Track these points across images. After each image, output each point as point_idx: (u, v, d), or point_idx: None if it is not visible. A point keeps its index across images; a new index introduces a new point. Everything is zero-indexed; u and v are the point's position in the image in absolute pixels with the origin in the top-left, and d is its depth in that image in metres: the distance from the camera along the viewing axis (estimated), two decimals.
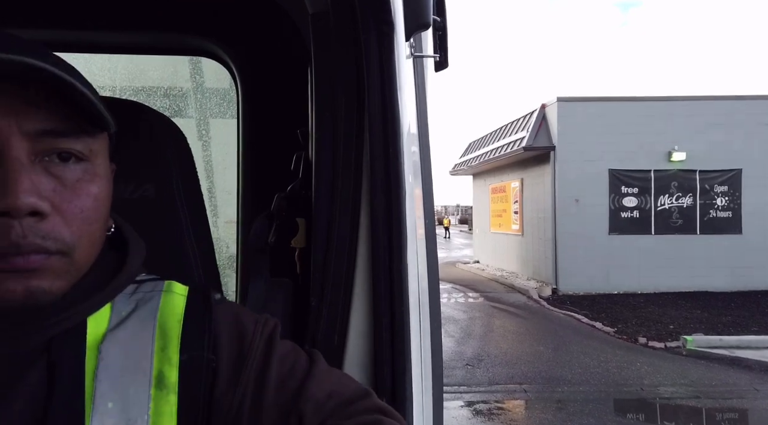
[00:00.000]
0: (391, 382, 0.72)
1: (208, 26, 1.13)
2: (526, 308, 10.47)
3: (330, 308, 0.75)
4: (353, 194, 0.75)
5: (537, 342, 7.84)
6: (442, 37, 0.83)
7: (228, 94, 1.45)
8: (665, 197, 11.73)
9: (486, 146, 15.71)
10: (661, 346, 7.53)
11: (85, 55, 1.21)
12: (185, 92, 1.60)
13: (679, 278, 11.36)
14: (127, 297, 0.57)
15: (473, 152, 17.19)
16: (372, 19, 0.72)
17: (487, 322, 9.29)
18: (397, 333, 0.72)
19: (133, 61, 1.50)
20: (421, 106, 0.83)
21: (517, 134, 12.99)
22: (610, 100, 11.86)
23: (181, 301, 0.57)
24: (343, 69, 0.77)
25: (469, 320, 9.39)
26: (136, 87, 1.57)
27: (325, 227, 0.76)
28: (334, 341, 0.74)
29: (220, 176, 1.52)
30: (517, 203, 14.23)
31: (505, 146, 13.53)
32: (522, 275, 13.84)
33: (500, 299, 11.53)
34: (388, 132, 0.73)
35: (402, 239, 0.73)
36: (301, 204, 0.84)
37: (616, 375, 6.36)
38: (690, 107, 11.49)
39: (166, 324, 0.54)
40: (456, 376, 6.37)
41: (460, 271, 16.92)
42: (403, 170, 0.73)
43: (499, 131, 15.28)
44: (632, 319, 9.00)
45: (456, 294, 12.12)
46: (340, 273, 0.75)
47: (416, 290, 0.76)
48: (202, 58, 1.31)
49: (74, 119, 0.50)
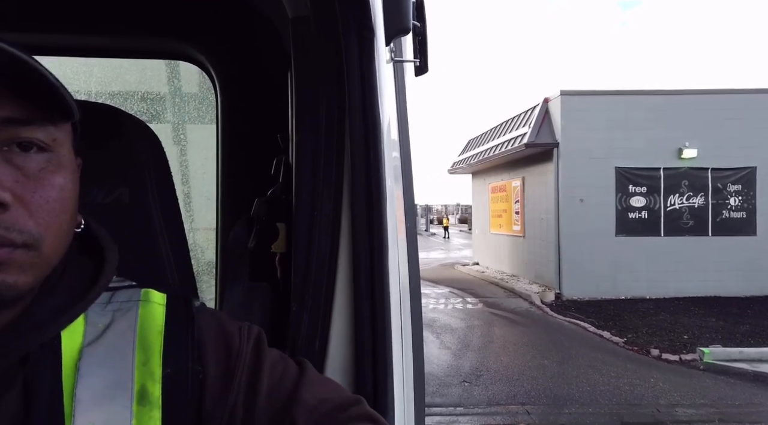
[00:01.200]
0: (372, 387, 0.77)
1: (187, 30, 1.18)
2: (528, 316, 10.49)
3: (311, 313, 0.80)
4: (334, 198, 0.81)
5: (540, 355, 7.74)
6: (422, 42, 0.89)
7: (206, 99, 1.51)
8: (675, 196, 11.88)
9: (486, 144, 15.90)
10: (675, 359, 7.44)
11: (59, 58, 1.26)
12: (162, 97, 1.65)
13: (691, 283, 11.52)
14: (101, 307, 0.57)
15: (472, 150, 17.40)
16: (352, 24, 0.78)
17: (487, 331, 9.30)
18: (378, 338, 0.77)
19: (109, 65, 1.55)
20: (401, 110, 0.90)
21: (519, 130, 13.12)
22: (617, 93, 11.99)
23: (161, 311, 0.58)
24: (323, 74, 0.82)
25: (467, 329, 9.41)
26: (112, 91, 1.62)
27: (305, 232, 0.82)
28: (315, 346, 0.80)
29: (197, 182, 1.57)
30: (519, 203, 14.39)
31: (505, 142, 13.65)
32: (523, 279, 14.09)
33: (500, 305, 11.61)
34: (368, 136, 0.79)
35: (383, 243, 0.78)
36: (282, 209, 0.89)
37: (629, 394, 6.18)
38: (702, 101, 11.64)
39: (146, 337, 0.55)
40: (452, 395, 6.20)
41: (459, 273, 17.26)
42: (384, 174, 0.79)
43: (499, 128, 15.44)
44: (642, 328, 9.00)
45: (454, 300, 12.27)
46: (321, 278, 0.80)
47: (398, 294, 0.82)
48: (180, 62, 1.36)
49: (35, 105, 0.50)
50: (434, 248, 30.14)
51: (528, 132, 12.19)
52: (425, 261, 21.25)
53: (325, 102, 0.82)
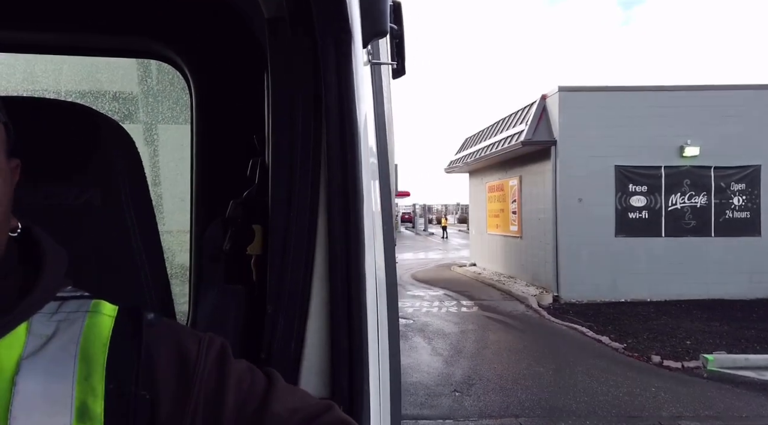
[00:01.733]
0: (348, 389, 0.82)
1: (161, 29, 1.22)
2: (524, 320, 10.57)
3: (287, 315, 0.84)
4: (311, 200, 0.85)
5: (536, 362, 7.72)
6: (400, 45, 0.94)
7: (180, 99, 1.54)
8: (677, 195, 12.03)
9: (482, 142, 16.05)
10: (677, 366, 7.38)
11: (27, 56, 1.28)
12: (135, 96, 1.68)
13: (693, 285, 11.66)
14: (47, 317, 0.56)
15: (469, 148, 17.57)
16: (329, 26, 0.82)
17: (481, 336, 9.34)
18: (354, 339, 0.82)
19: (79, 63, 1.58)
20: (379, 112, 0.94)
21: (515, 128, 13.23)
22: (617, 90, 12.13)
23: (108, 323, 0.57)
24: (300, 75, 0.86)
25: (460, 334, 9.48)
26: (82, 90, 1.64)
27: (282, 234, 0.85)
28: (291, 348, 0.84)
29: (169, 183, 1.60)
30: (516, 203, 14.60)
31: (502, 141, 13.78)
32: (521, 281, 14.30)
33: (496, 308, 11.71)
34: (345, 138, 0.83)
35: (360, 245, 0.83)
36: (258, 210, 0.93)
37: (629, 405, 6.08)
38: (704, 97, 11.78)
39: (89, 349, 0.54)
40: (441, 406, 6.08)
41: (455, 275, 17.53)
42: (361, 175, 0.83)
43: (496, 126, 15.58)
44: (643, 332, 9.04)
45: (448, 302, 12.39)
46: (297, 280, 0.84)
47: (374, 296, 0.86)
48: (153, 61, 1.39)
49: None
50: (432, 248, 30.51)
51: (525, 130, 12.31)
52: (422, 262, 21.69)
53: (301, 103, 0.86)
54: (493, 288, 14.34)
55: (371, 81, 0.91)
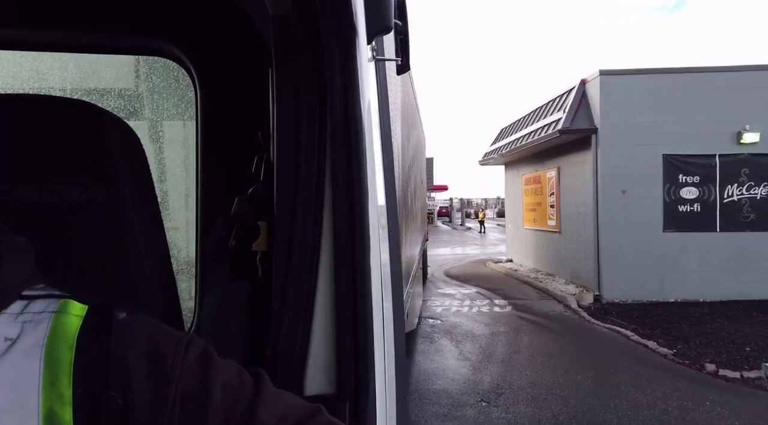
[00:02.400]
0: (354, 386, 0.87)
1: (166, 26, 1.29)
2: (562, 321, 10.39)
3: (292, 312, 0.90)
4: (316, 196, 0.91)
5: (573, 369, 7.44)
6: (404, 41, 0.98)
7: (185, 96, 1.61)
8: (734, 186, 11.71)
9: (518, 132, 15.95)
10: (735, 376, 7.02)
11: (33, 54, 1.36)
12: (140, 94, 1.76)
13: (751, 284, 11.38)
14: (12, 318, 0.56)
15: (504, 139, 17.50)
16: (334, 22, 0.88)
17: (514, 339, 9.16)
18: (360, 336, 0.87)
19: (85, 61, 1.66)
20: (383, 108, 0.99)
21: (552, 116, 13.07)
22: (664, 72, 11.79)
23: (76, 323, 0.56)
24: (304, 71, 0.92)
25: (491, 336, 9.33)
26: (88, 88, 1.73)
27: (287, 230, 0.91)
28: (297, 345, 0.90)
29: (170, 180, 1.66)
30: (554, 196, 14.51)
31: (538, 130, 13.63)
32: (559, 278, 14.28)
33: (532, 308, 11.54)
34: (350, 134, 0.89)
35: (365, 241, 0.88)
36: (263, 207, 0.99)
37: (679, 421, 5.70)
38: (763, 78, 11.42)
39: (55, 352, 0.54)
40: (466, 417, 5.83)
41: (490, 271, 17.70)
42: (366, 172, 0.89)
43: (532, 114, 15.44)
44: (695, 337, 8.71)
45: (480, 301, 12.34)
46: (302, 277, 0.90)
47: (380, 292, 0.92)
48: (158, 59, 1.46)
49: None
50: (468, 243, 30.71)
51: (563, 117, 12.09)
52: (457, 257, 21.95)
53: (306, 100, 0.92)
54: (530, 286, 14.29)
55: (376, 77, 0.96)
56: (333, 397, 0.87)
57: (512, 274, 16.43)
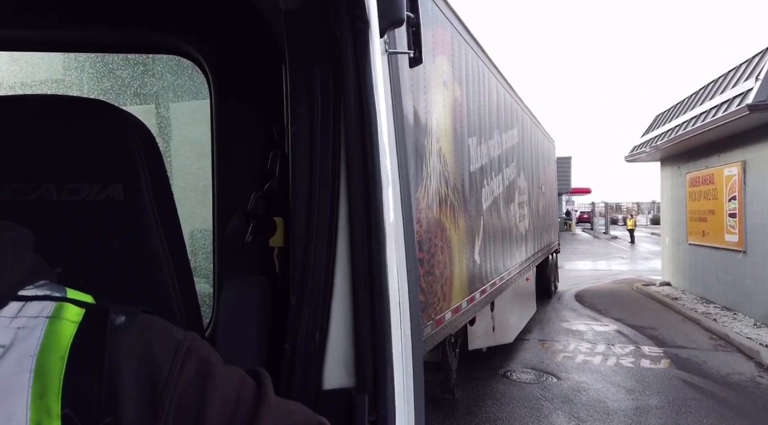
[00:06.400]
0: (372, 380, 0.88)
1: (179, 24, 1.31)
2: (751, 395, 6.43)
3: (310, 306, 0.91)
4: (331, 191, 0.92)
5: None
6: (416, 33, 1.00)
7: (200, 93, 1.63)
8: None
9: (681, 116, 12.20)
10: None
11: (50, 54, 1.37)
12: (155, 92, 1.77)
13: None
14: (6, 322, 0.54)
15: (661, 127, 13.64)
16: (346, 16, 0.89)
17: (673, 424, 5.58)
18: (378, 330, 0.88)
19: (101, 59, 1.68)
20: (396, 102, 1.00)
21: (737, 88, 9.56)
22: None
23: (70, 330, 0.54)
24: (317, 66, 0.93)
25: (635, 415, 5.75)
26: (104, 87, 1.75)
27: (303, 226, 0.92)
28: (316, 339, 0.91)
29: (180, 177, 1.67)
30: (736, 201, 10.56)
31: (713, 109, 10.02)
32: (743, 317, 10.14)
33: (703, 365, 7.56)
34: (364, 128, 0.90)
35: (381, 236, 0.89)
36: (279, 203, 1.00)
37: None
38: None
39: (46, 362, 0.51)
40: None
41: (638, 297, 13.22)
42: (380, 166, 0.90)
43: (702, 91, 11.68)
44: None
45: (621, 347, 8.43)
46: (319, 271, 0.91)
47: (396, 286, 0.93)
48: (173, 57, 1.49)
49: None
50: (612, 256, 24.60)
51: (755, 88, 8.57)
52: (596, 275, 16.94)
53: (319, 95, 0.93)
54: (697, 326, 10.04)
55: (389, 70, 0.97)
56: (352, 390, 0.88)
57: (670, 305, 12.01)
